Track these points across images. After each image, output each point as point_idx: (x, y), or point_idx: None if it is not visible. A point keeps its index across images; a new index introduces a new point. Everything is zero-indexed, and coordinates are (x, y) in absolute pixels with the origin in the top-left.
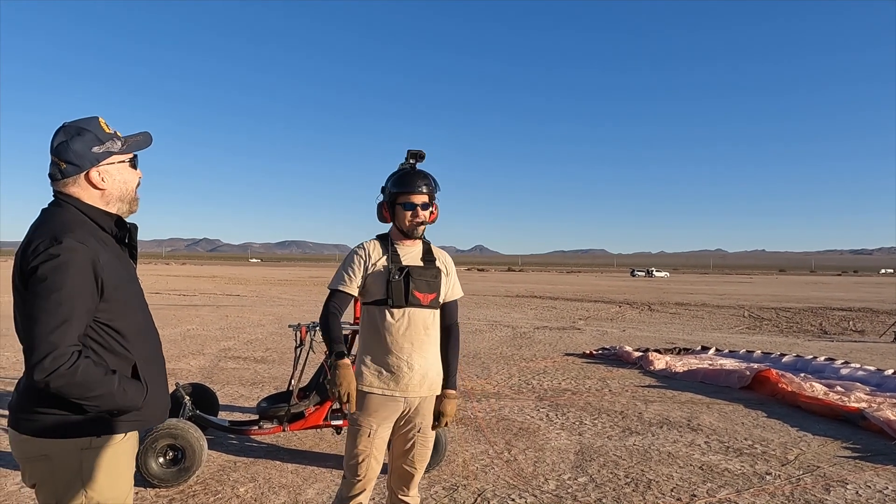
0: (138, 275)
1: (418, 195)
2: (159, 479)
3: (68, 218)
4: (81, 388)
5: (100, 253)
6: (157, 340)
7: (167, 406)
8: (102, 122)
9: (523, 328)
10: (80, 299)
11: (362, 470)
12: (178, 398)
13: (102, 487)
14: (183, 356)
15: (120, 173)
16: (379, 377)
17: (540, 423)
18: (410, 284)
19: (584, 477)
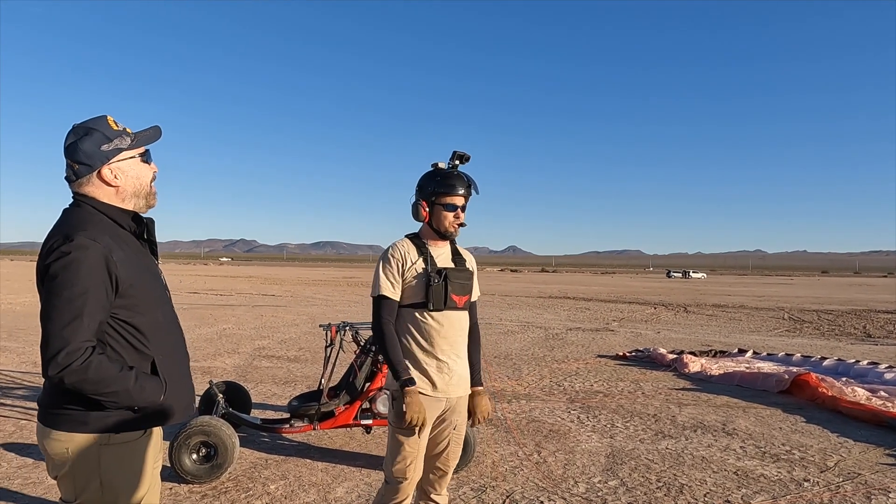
0: (164, 270)
1: (460, 197)
2: (192, 476)
3: (84, 216)
4: (96, 384)
5: (114, 250)
6: (179, 337)
7: (191, 403)
8: (111, 119)
9: (556, 329)
10: (93, 296)
11: (410, 472)
12: (212, 396)
13: (120, 483)
14: (218, 354)
15: (132, 169)
16: (421, 379)
17: (570, 425)
18: (448, 287)
19: (614, 480)
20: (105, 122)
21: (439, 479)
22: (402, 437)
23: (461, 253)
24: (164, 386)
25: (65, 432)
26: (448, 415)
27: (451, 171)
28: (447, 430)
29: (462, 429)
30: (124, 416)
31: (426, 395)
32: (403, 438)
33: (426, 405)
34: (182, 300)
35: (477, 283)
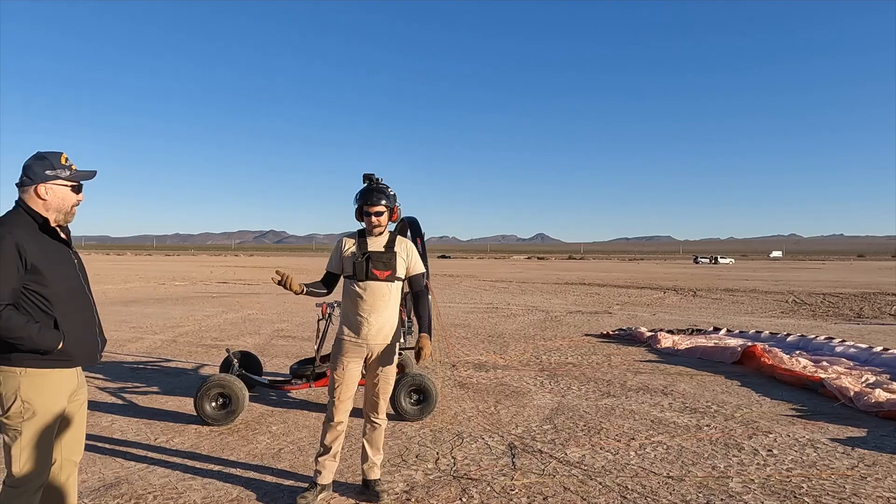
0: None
1: (375, 206)
2: (212, 419)
3: (13, 216)
4: (7, 331)
5: (27, 241)
6: (84, 304)
7: (93, 353)
8: (64, 157)
9: (557, 313)
10: (4, 269)
11: (338, 393)
12: (229, 361)
13: (35, 403)
14: (241, 335)
15: (60, 192)
16: (349, 328)
17: (532, 388)
18: (370, 264)
19: (548, 425)
20: (58, 156)
21: (375, 406)
22: (332, 368)
23: (396, 243)
24: (62, 337)
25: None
26: (373, 358)
27: (369, 188)
28: (376, 371)
29: (389, 372)
30: (36, 356)
31: (352, 341)
32: (333, 370)
33: (351, 348)
34: (211, 290)
35: (418, 262)
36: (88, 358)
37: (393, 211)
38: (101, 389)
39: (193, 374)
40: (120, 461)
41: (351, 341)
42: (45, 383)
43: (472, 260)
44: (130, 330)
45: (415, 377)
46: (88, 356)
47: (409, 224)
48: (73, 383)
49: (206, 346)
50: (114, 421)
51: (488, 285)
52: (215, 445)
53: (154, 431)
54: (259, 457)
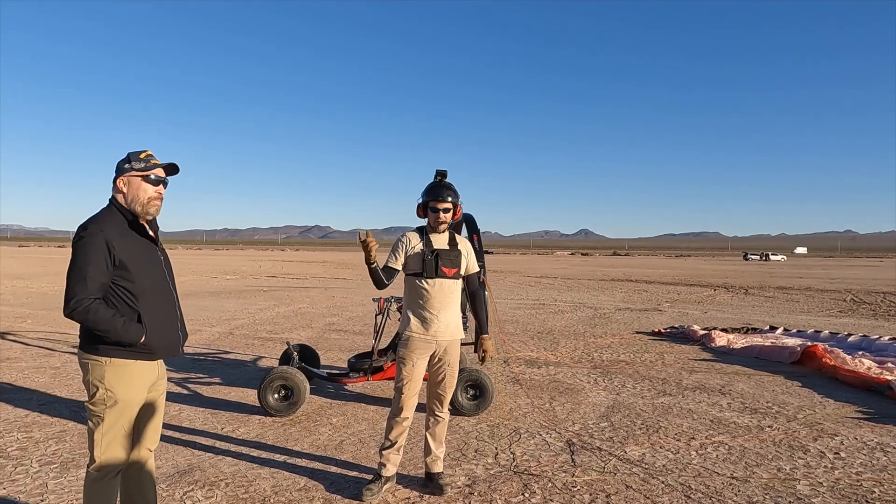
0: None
1: (443, 202)
2: (275, 410)
3: (104, 213)
4: (94, 323)
5: (115, 237)
6: (167, 299)
7: (174, 347)
8: (146, 153)
9: (605, 309)
10: (94, 265)
11: (405, 389)
12: (289, 354)
13: (118, 390)
14: (294, 329)
15: (135, 184)
16: (418, 325)
17: (585, 385)
18: (439, 262)
19: (605, 423)
20: (138, 153)
21: (440, 400)
22: (401, 364)
23: (457, 240)
24: (145, 331)
25: (86, 353)
26: (441, 354)
27: (437, 183)
28: (443, 366)
29: (455, 366)
30: (120, 348)
31: (421, 338)
32: (402, 366)
33: (420, 344)
34: (262, 283)
35: (474, 262)
36: (169, 351)
37: (457, 209)
38: (167, 379)
39: (252, 366)
40: (190, 449)
41: (420, 338)
42: (127, 373)
43: (514, 256)
44: (188, 322)
45: (471, 372)
46: (169, 350)
47: (465, 220)
48: (154, 375)
49: (262, 338)
50: (181, 410)
51: (533, 281)
52: (279, 436)
53: (220, 421)
54: (322, 448)
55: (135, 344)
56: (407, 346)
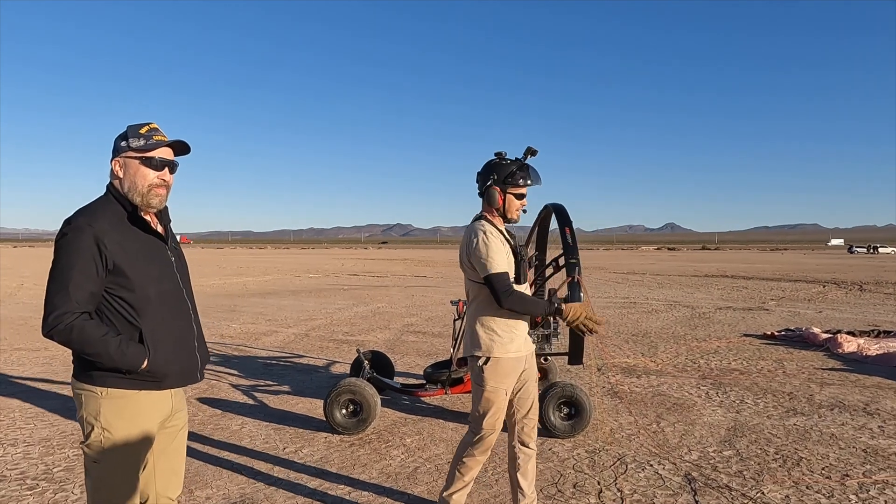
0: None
1: (528, 187)
2: (342, 428)
3: (98, 202)
4: (80, 345)
5: (108, 233)
6: (180, 312)
7: (190, 371)
8: (148, 126)
9: (704, 308)
10: (79, 269)
11: (498, 425)
12: (360, 362)
13: (117, 430)
14: (371, 330)
15: (131, 168)
16: (513, 343)
17: (697, 400)
18: (523, 265)
19: (729, 451)
20: (138, 126)
21: (532, 428)
22: (492, 396)
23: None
24: (148, 353)
25: (79, 381)
26: (527, 372)
27: (524, 164)
28: (530, 384)
29: (535, 383)
30: (119, 375)
31: (516, 357)
32: (495, 397)
33: (514, 367)
34: (343, 282)
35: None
36: (183, 378)
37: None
38: (234, 387)
39: (324, 371)
40: (245, 476)
41: (513, 359)
42: (128, 408)
43: (598, 251)
44: (266, 323)
45: (565, 387)
46: (183, 376)
47: (555, 211)
48: (166, 408)
49: (338, 340)
50: (244, 424)
51: (620, 278)
52: (345, 459)
53: (283, 439)
54: (393, 476)
55: (135, 370)
56: (497, 371)
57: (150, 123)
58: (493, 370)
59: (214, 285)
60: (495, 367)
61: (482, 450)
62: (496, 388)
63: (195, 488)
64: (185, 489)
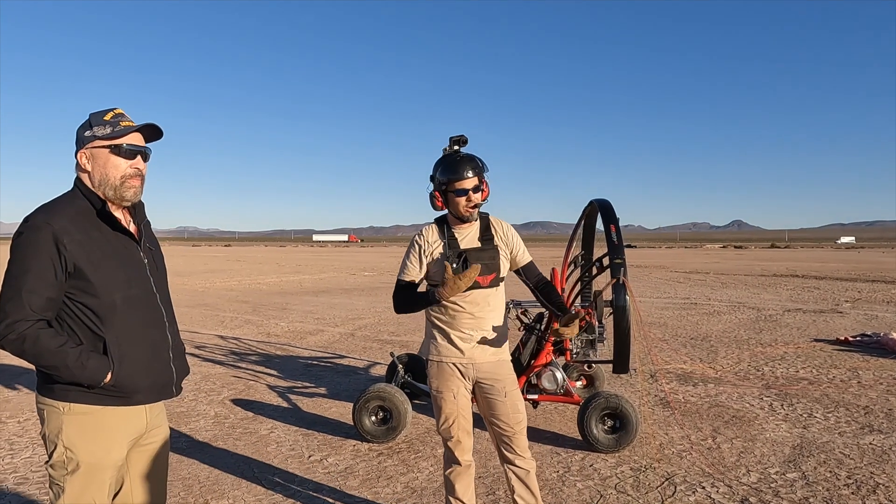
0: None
1: (468, 180)
2: (371, 436)
3: (62, 199)
4: (34, 357)
5: (70, 232)
6: (152, 319)
7: (164, 385)
8: (113, 112)
9: (770, 310)
10: (35, 273)
11: (454, 431)
12: (394, 367)
13: (80, 451)
14: (416, 331)
15: (99, 158)
16: (449, 349)
17: (758, 413)
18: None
19: (794, 473)
20: (101, 113)
21: (505, 441)
22: (440, 399)
23: (493, 228)
24: (112, 367)
25: (41, 395)
26: (487, 380)
27: (454, 157)
28: (496, 396)
29: (515, 394)
30: (82, 389)
31: (456, 362)
32: (441, 400)
33: (454, 371)
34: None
35: (524, 251)
36: (156, 393)
37: (483, 185)
38: (271, 388)
39: (363, 374)
40: (264, 486)
41: (453, 364)
42: (93, 425)
43: (660, 249)
44: (315, 321)
45: (609, 398)
46: (155, 391)
47: (600, 208)
48: (139, 425)
49: (382, 341)
50: (273, 429)
51: (682, 277)
52: (371, 470)
53: (310, 445)
54: (418, 491)
55: (97, 384)
56: (438, 375)
57: (115, 109)
58: (434, 373)
59: (271, 283)
60: (436, 371)
61: (450, 461)
62: (439, 391)
63: (211, 498)
64: (199, 498)
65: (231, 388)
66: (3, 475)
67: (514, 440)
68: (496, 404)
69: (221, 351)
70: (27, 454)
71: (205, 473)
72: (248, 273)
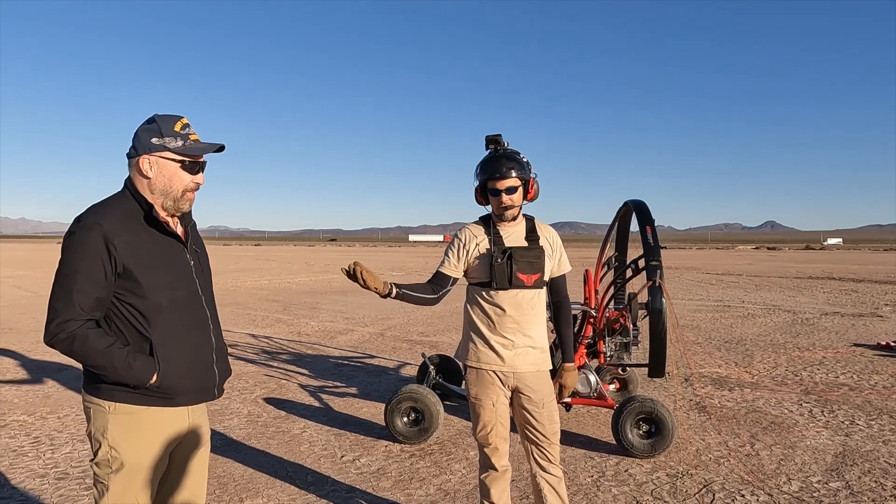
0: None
1: (503, 181)
2: (403, 437)
3: (112, 200)
4: (83, 356)
5: (120, 233)
6: (197, 321)
7: (200, 388)
8: (181, 122)
9: (807, 313)
10: (85, 273)
11: (492, 438)
12: (426, 367)
13: (125, 450)
14: (445, 331)
15: (168, 169)
16: (487, 354)
17: (798, 419)
18: (514, 266)
19: (837, 482)
20: (170, 121)
21: (539, 449)
22: (478, 406)
23: (538, 230)
24: (158, 368)
25: (87, 394)
26: (522, 388)
27: (490, 157)
28: (525, 402)
29: (547, 402)
30: (127, 389)
31: (496, 370)
32: (479, 408)
33: (494, 379)
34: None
35: (564, 259)
36: (199, 395)
37: (529, 185)
38: (303, 387)
39: (394, 374)
40: (297, 486)
41: (493, 371)
42: (137, 425)
43: (690, 251)
44: (344, 321)
45: (644, 402)
46: (198, 393)
47: (635, 208)
48: (182, 426)
49: (412, 341)
50: (305, 428)
51: (714, 279)
52: (403, 471)
53: (342, 446)
54: (451, 494)
55: (142, 385)
56: (477, 382)
57: (182, 118)
58: (472, 379)
59: (301, 282)
60: (475, 378)
61: (485, 465)
62: (478, 398)
63: (245, 497)
64: (234, 497)
65: (263, 386)
66: (45, 470)
67: (548, 449)
68: (533, 414)
69: (253, 349)
70: (67, 450)
71: (239, 472)
72: (277, 272)
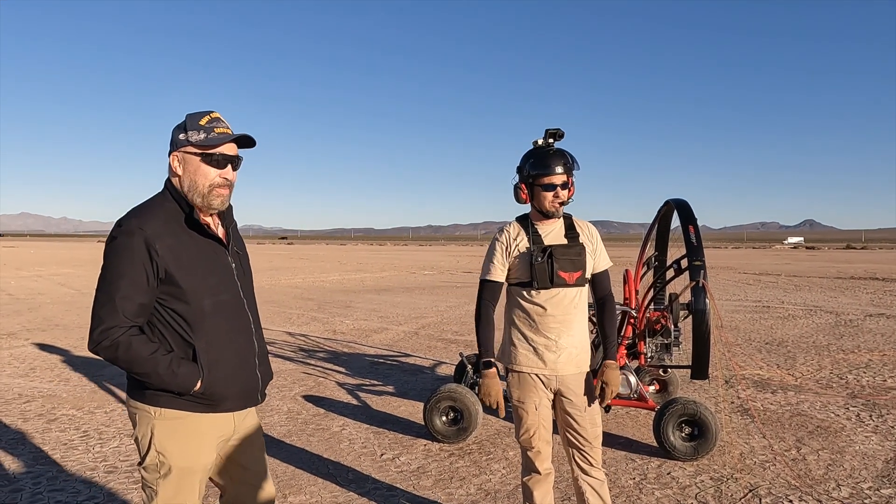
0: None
1: (558, 175)
2: (442, 436)
3: (153, 201)
4: (127, 363)
5: (162, 237)
6: (240, 326)
7: (244, 394)
8: (209, 116)
9: (850, 315)
10: (129, 279)
11: (535, 442)
12: (463, 367)
13: (172, 455)
14: (471, 332)
15: (190, 165)
16: (529, 357)
17: (845, 423)
18: (555, 265)
19: (890, 489)
20: (198, 116)
21: (581, 453)
22: (521, 410)
23: (577, 227)
24: (202, 374)
25: (133, 399)
26: (564, 391)
27: (545, 151)
28: (567, 406)
29: (594, 407)
30: (172, 395)
31: (539, 373)
32: (522, 411)
33: (536, 382)
34: (456, 279)
35: (604, 254)
36: (243, 400)
37: (570, 185)
38: (340, 385)
39: (430, 373)
40: (338, 484)
41: (535, 374)
42: (184, 430)
43: (726, 250)
44: (378, 319)
45: (686, 404)
46: (242, 398)
47: (677, 207)
48: (227, 430)
49: (446, 340)
50: (344, 426)
51: (752, 279)
52: (443, 470)
53: (382, 444)
54: (492, 494)
55: (187, 392)
56: (520, 386)
57: (212, 112)
58: (514, 382)
59: (334, 281)
60: (517, 381)
61: (528, 469)
62: (521, 401)
63: (289, 493)
64: (278, 493)
65: (301, 384)
66: (95, 463)
67: (590, 452)
68: (576, 417)
69: (290, 347)
70: (115, 444)
71: (281, 469)
72: (311, 271)
